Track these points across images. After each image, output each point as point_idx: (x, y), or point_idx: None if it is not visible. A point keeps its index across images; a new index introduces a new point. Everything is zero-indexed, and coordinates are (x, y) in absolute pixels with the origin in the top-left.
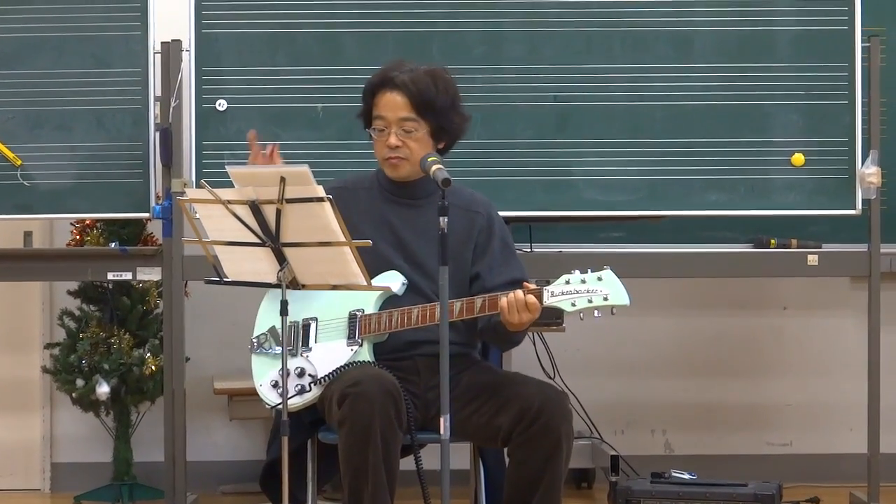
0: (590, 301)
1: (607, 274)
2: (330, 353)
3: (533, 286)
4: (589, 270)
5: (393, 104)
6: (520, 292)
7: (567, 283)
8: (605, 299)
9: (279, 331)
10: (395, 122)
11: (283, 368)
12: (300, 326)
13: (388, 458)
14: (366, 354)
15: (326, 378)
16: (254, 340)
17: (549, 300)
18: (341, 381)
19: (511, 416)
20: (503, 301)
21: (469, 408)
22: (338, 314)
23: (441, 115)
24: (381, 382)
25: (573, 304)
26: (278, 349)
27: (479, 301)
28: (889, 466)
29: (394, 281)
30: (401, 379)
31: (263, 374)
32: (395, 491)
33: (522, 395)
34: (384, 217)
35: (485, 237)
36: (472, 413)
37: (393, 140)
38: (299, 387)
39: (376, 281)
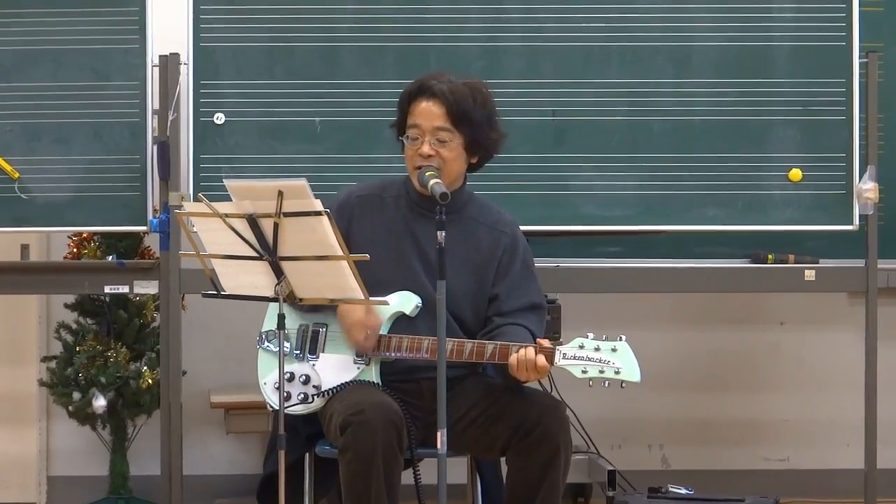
0: (601, 371)
1: (622, 346)
2: (336, 366)
3: (547, 344)
4: (605, 337)
5: (429, 112)
6: (531, 351)
7: (581, 347)
8: (617, 373)
9: (290, 330)
10: (429, 130)
11: (280, 382)
12: (310, 331)
13: (391, 487)
14: (372, 374)
15: (330, 392)
16: (262, 334)
17: (560, 362)
18: (344, 403)
19: (509, 425)
20: (513, 357)
21: (467, 418)
22: None
23: (477, 129)
24: (384, 411)
25: (584, 371)
26: (286, 347)
27: (490, 347)
28: (886, 482)
29: (408, 302)
30: (404, 401)
31: (268, 373)
32: None
33: (520, 405)
34: (411, 230)
35: (508, 258)
36: (470, 423)
37: (426, 149)
38: (302, 395)
39: (393, 299)
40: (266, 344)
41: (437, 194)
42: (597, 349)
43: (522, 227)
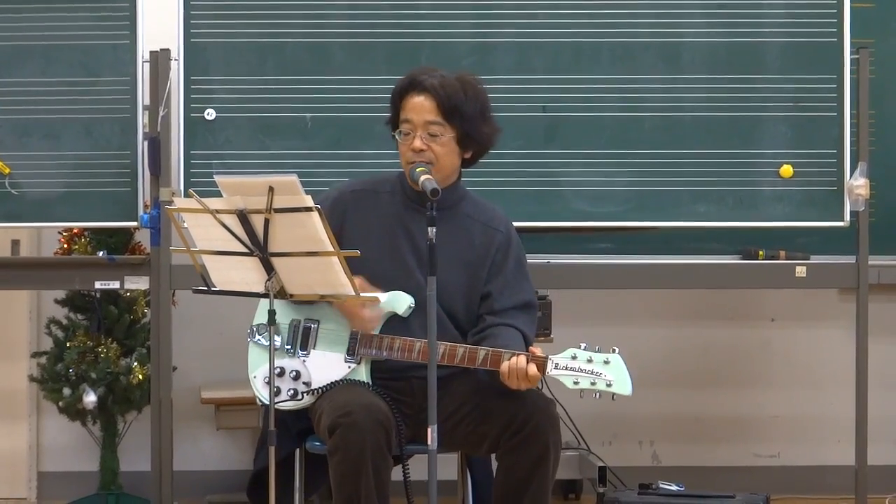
0: (592, 383)
1: (615, 358)
2: (327, 364)
3: (539, 352)
4: (597, 348)
5: (420, 107)
6: (523, 359)
7: (573, 358)
8: (608, 385)
9: (281, 325)
10: (420, 125)
11: (270, 378)
12: (301, 327)
13: (380, 487)
14: (362, 374)
15: (320, 390)
16: (253, 327)
17: (551, 372)
18: (333, 404)
19: (498, 424)
20: (504, 366)
21: (456, 416)
22: (341, 323)
23: (468, 122)
24: (372, 412)
25: (575, 382)
26: (277, 341)
27: (482, 353)
28: (876, 478)
29: (400, 302)
30: (394, 399)
31: (258, 366)
32: None
33: (510, 403)
34: (405, 225)
35: (501, 256)
36: (459, 421)
37: (418, 143)
38: (292, 391)
39: (386, 298)
40: (257, 337)
41: (428, 190)
42: (589, 360)
43: (513, 223)
